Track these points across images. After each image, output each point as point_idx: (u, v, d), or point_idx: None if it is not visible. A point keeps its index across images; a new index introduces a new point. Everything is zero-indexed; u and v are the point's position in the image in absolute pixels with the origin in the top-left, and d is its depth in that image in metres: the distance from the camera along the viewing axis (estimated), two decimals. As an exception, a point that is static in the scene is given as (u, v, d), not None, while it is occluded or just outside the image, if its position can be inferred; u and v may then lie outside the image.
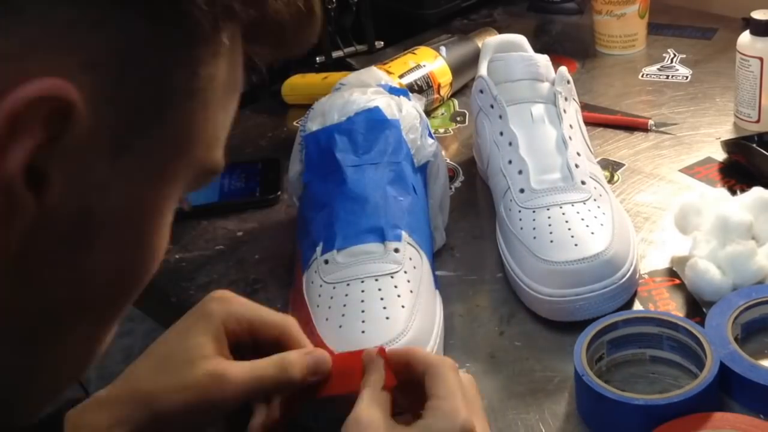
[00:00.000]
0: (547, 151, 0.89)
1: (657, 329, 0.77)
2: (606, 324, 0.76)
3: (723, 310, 0.77)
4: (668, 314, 0.78)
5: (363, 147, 0.86)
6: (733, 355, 0.73)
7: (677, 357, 0.77)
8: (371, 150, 0.86)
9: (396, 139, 0.87)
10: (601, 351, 0.77)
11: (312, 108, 0.92)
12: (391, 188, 0.85)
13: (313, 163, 0.88)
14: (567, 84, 0.94)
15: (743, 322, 0.78)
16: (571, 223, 0.83)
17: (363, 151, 0.86)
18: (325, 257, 0.81)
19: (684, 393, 0.69)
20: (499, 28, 1.32)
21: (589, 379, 0.71)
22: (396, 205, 0.84)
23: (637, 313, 0.80)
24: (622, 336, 0.77)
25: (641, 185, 1.01)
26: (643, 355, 0.78)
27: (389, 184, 0.85)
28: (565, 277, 0.80)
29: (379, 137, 0.87)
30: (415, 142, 0.88)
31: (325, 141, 0.88)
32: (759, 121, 1.07)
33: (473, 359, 0.81)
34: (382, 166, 0.86)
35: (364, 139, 0.87)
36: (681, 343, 0.76)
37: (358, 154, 0.86)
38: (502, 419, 0.74)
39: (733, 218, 0.82)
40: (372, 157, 0.86)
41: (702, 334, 0.74)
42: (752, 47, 1.04)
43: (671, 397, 0.69)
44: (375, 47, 1.35)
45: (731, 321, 0.76)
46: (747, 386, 0.72)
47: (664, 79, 1.23)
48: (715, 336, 0.74)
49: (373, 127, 0.87)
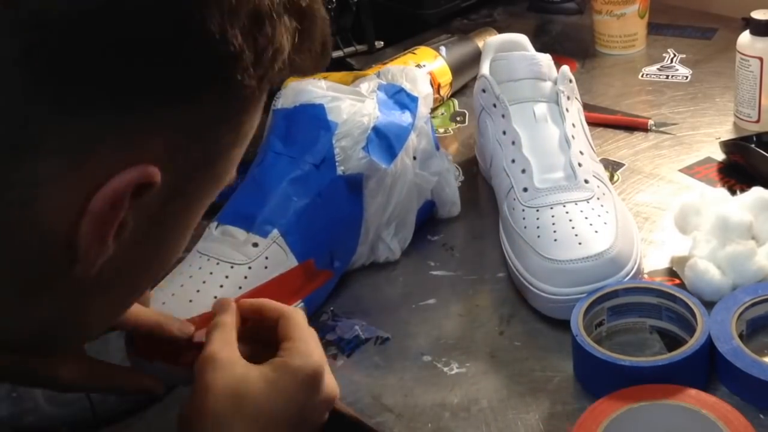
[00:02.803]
0: (550, 150, 0.89)
1: (656, 300, 0.80)
2: (607, 291, 0.79)
3: (728, 306, 0.78)
4: (667, 285, 0.81)
5: (290, 138, 0.88)
6: (736, 351, 0.74)
7: (675, 328, 0.79)
8: (295, 144, 0.87)
9: (323, 142, 0.87)
10: (601, 317, 0.79)
11: (287, 85, 0.92)
12: (291, 186, 0.85)
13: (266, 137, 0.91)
14: (569, 83, 0.94)
15: (749, 319, 0.79)
16: (575, 222, 0.84)
17: (289, 143, 0.88)
18: (213, 225, 0.86)
19: (669, 358, 0.73)
20: (499, 28, 1.32)
21: (582, 339, 0.75)
22: (284, 203, 0.85)
23: (637, 282, 0.82)
24: (623, 304, 0.80)
25: (641, 185, 1.01)
26: (643, 324, 0.81)
27: (291, 181, 0.86)
28: (570, 276, 0.81)
29: (307, 134, 0.87)
30: (346, 150, 0.87)
31: (274, 120, 0.90)
32: (759, 121, 1.07)
33: (473, 359, 0.81)
34: (295, 162, 0.86)
35: (295, 131, 0.88)
36: (678, 314, 0.78)
37: (285, 143, 0.88)
38: (502, 419, 0.75)
39: (733, 218, 0.82)
40: (292, 151, 0.87)
41: (696, 306, 0.77)
42: (752, 47, 1.04)
43: (657, 360, 0.73)
44: (375, 47, 1.35)
45: (736, 317, 0.77)
46: (748, 382, 0.72)
47: (664, 79, 1.23)
48: (719, 331, 0.75)
49: (307, 123, 0.88)
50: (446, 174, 0.95)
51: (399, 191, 0.90)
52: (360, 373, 0.81)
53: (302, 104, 0.89)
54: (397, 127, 0.89)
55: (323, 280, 0.87)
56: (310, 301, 0.86)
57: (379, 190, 0.89)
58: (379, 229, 0.91)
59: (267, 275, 0.83)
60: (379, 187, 0.88)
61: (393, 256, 0.93)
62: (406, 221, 0.93)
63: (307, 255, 0.85)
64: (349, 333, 0.85)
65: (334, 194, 0.86)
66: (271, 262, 0.83)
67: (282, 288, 0.83)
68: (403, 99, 0.93)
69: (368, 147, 0.87)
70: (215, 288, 0.81)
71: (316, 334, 0.70)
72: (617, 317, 0.81)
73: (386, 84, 0.94)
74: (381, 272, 0.92)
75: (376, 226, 0.90)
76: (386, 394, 0.79)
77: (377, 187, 0.88)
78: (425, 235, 0.97)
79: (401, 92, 0.93)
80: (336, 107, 0.88)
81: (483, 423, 0.75)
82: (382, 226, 0.91)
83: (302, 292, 0.85)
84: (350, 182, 0.87)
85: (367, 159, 0.86)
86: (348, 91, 0.92)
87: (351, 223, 0.88)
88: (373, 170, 0.87)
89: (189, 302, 0.80)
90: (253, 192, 0.86)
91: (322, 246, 0.86)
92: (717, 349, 0.74)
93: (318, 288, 0.87)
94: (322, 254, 0.86)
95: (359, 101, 0.90)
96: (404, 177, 0.90)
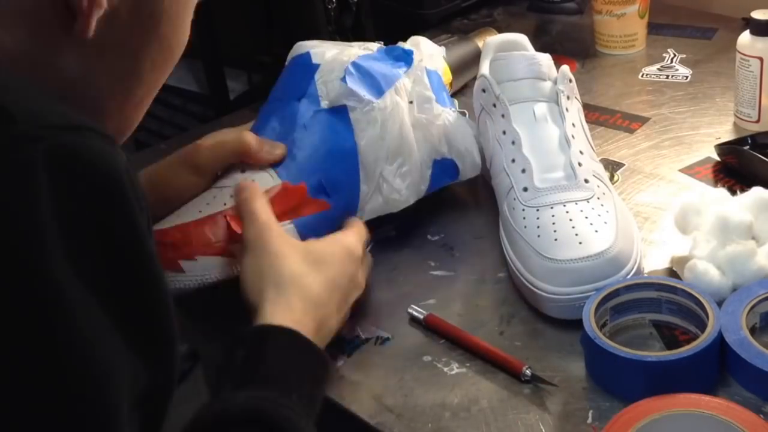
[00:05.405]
0: (550, 150, 0.89)
1: (656, 293, 0.80)
2: (609, 291, 0.80)
3: (741, 299, 0.78)
4: (667, 278, 0.82)
5: (281, 85, 0.95)
6: (743, 342, 0.74)
7: (676, 319, 0.80)
8: (285, 88, 0.94)
9: (305, 80, 0.92)
10: (605, 317, 0.80)
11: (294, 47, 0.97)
12: (278, 122, 0.91)
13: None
14: (569, 83, 0.94)
15: (762, 312, 0.79)
16: (575, 222, 0.84)
17: (279, 88, 0.95)
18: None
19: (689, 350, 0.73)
20: (499, 28, 1.32)
21: (601, 341, 0.75)
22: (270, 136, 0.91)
23: (637, 279, 0.82)
24: (624, 302, 0.80)
25: (641, 185, 1.01)
26: (642, 319, 0.81)
27: (279, 119, 0.92)
28: (570, 275, 0.81)
29: (294, 78, 0.93)
30: (326, 84, 0.91)
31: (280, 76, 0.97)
32: (759, 121, 1.07)
33: (473, 359, 0.81)
34: (283, 103, 0.92)
35: (286, 79, 0.95)
36: (680, 305, 0.79)
37: (278, 91, 0.95)
38: (502, 419, 0.75)
39: (733, 218, 0.82)
40: (281, 95, 0.94)
41: (702, 295, 0.77)
42: (752, 47, 1.04)
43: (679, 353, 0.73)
44: (375, 47, 1.35)
45: (748, 309, 0.77)
46: (753, 373, 0.73)
47: (664, 79, 1.23)
48: (729, 321, 0.76)
49: (296, 70, 0.94)
50: (460, 128, 0.96)
51: (392, 127, 0.91)
52: (360, 373, 0.81)
53: (294, 56, 0.95)
54: (386, 69, 0.93)
55: (318, 208, 0.89)
56: (301, 224, 0.88)
57: (368, 123, 0.90)
58: (378, 165, 0.91)
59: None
60: (367, 120, 0.90)
61: (399, 196, 0.92)
62: (411, 164, 0.92)
63: (294, 180, 0.89)
64: (349, 333, 0.85)
65: (318, 126, 0.90)
66: (260, 187, 0.87)
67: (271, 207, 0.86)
68: (398, 53, 0.96)
69: (346, 78, 0.91)
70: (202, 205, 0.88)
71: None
72: (618, 316, 0.81)
73: (386, 47, 0.97)
74: (381, 272, 0.92)
75: (374, 161, 0.91)
76: (386, 394, 0.79)
77: (365, 120, 0.90)
78: (425, 235, 0.97)
79: (398, 48, 0.97)
80: (320, 52, 0.94)
81: (483, 423, 0.75)
82: (381, 163, 0.91)
83: (292, 214, 0.88)
84: (335, 114, 0.90)
85: (345, 87, 0.90)
86: (338, 44, 0.96)
87: (342, 155, 0.90)
88: (354, 100, 0.90)
89: (177, 216, 0.87)
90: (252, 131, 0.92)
91: (310, 175, 0.89)
92: (725, 340, 0.75)
93: (312, 214, 0.89)
94: (311, 183, 0.89)
95: (347, 48, 0.94)
96: (397, 114, 0.91)
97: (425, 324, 0.85)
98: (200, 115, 1.86)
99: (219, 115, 1.60)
